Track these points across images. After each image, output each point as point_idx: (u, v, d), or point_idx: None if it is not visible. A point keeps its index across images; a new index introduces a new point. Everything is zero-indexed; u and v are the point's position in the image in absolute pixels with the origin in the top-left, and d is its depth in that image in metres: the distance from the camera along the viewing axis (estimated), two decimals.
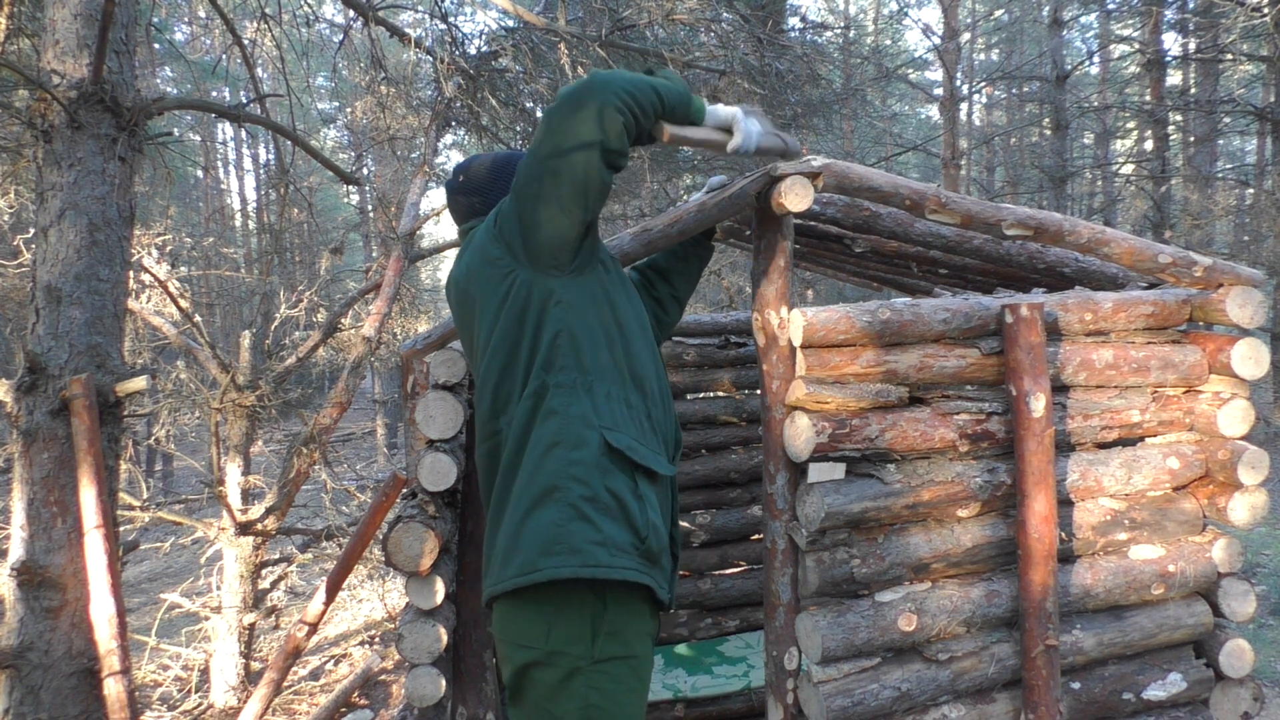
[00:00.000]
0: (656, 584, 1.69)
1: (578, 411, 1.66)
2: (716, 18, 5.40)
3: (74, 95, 2.81)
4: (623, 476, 1.66)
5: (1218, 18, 9.49)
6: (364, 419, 18.80)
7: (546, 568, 1.58)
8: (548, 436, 1.66)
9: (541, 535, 1.61)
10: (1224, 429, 2.30)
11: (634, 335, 1.82)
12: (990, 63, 22.47)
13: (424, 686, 2.29)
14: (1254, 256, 9.87)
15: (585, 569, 1.58)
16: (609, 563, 1.59)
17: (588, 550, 1.59)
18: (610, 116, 1.62)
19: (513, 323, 1.72)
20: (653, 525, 1.67)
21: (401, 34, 4.87)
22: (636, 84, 1.68)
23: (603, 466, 1.64)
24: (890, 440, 2.03)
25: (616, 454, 1.67)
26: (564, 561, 1.58)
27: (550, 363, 1.69)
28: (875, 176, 2.05)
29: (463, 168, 2.06)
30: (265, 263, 12.91)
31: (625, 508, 1.64)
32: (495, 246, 1.77)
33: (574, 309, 1.72)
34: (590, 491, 1.62)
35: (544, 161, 1.65)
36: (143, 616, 6.57)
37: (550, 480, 1.63)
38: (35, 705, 2.68)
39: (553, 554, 1.58)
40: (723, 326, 3.46)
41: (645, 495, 1.69)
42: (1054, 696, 2.08)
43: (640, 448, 1.71)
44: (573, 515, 1.60)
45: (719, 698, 3.01)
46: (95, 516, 2.68)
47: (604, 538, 1.60)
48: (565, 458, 1.64)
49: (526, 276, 1.72)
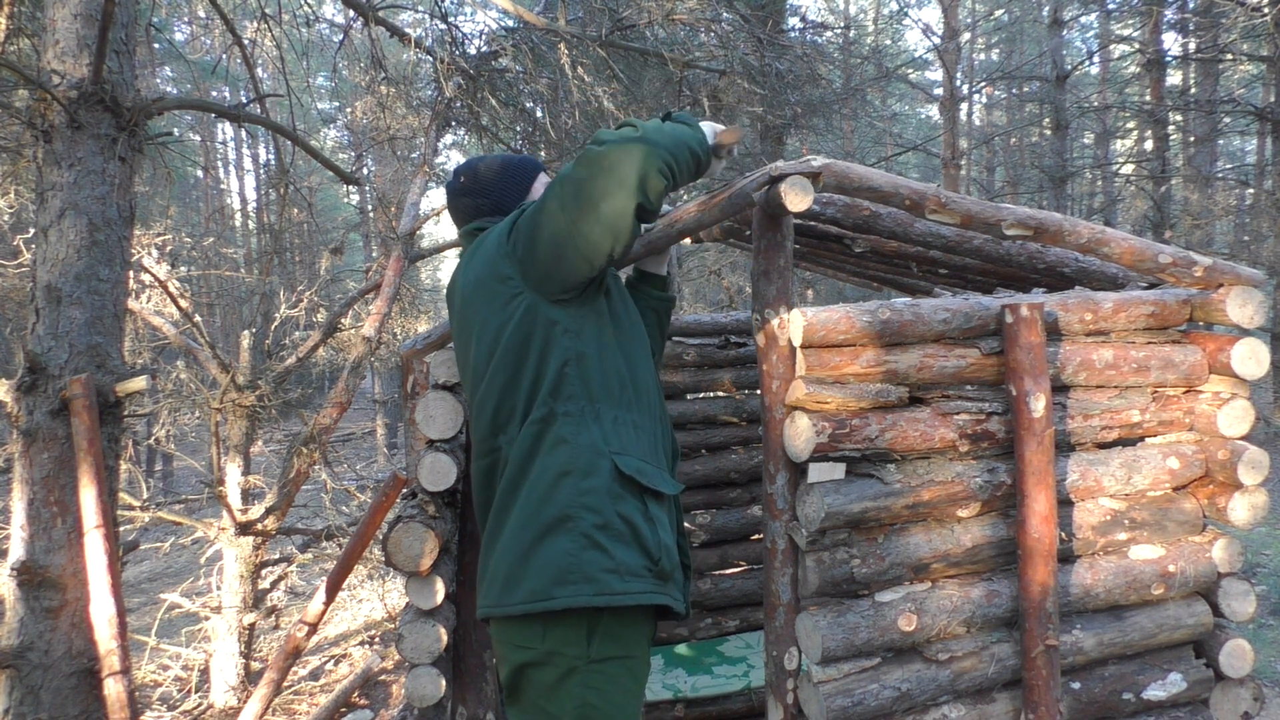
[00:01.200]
0: (672, 599, 1.71)
1: (587, 440, 1.67)
2: (716, 18, 5.40)
3: (74, 95, 2.81)
4: (634, 501, 1.68)
5: (1218, 18, 9.49)
6: (364, 419, 18.80)
7: (561, 596, 1.60)
8: (557, 465, 1.66)
9: (554, 564, 1.61)
10: (1224, 429, 2.30)
11: (636, 353, 1.83)
12: (990, 63, 22.47)
13: (424, 686, 2.29)
14: (1254, 256, 9.87)
15: (599, 598, 1.60)
16: (622, 589, 1.61)
17: (600, 579, 1.60)
18: (654, 180, 1.63)
19: (517, 344, 1.72)
20: (664, 546, 1.69)
21: (401, 34, 4.87)
22: (680, 145, 1.69)
23: (614, 493, 1.66)
24: (890, 440, 2.03)
25: (627, 480, 1.68)
26: (578, 591, 1.60)
27: (558, 390, 1.69)
28: (875, 176, 2.05)
29: (465, 169, 2.05)
30: (265, 263, 12.91)
31: (637, 532, 1.65)
32: (508, 265, 1.76)
33: (581, 336, 1.73)
34: (603, 519, 1.63)
35: (579, 205, 1.63)
36: (143, 616, 6.57)
37: (562, 510, 1.64)
38: (35, 705, 2.68)
39: (567, 583, 1.60)
40: (723, 326, 3.46)
41: (655, 517, 1.70)
42: (1054, 696, 2.08)
43: (648, 469, 1.73)
44: (585, 544, 1.62)
45: (719, 698, 3.01)
46: (95, 516, 2.68)
47: (617, 564, 1.62)
48: (577, 486, 1.64)
49: (532, 301, 1.73)
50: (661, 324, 2.27)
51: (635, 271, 2.30)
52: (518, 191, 2.01)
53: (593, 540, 1.62)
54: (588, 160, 1.64)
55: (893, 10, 19.16)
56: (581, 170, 1.64)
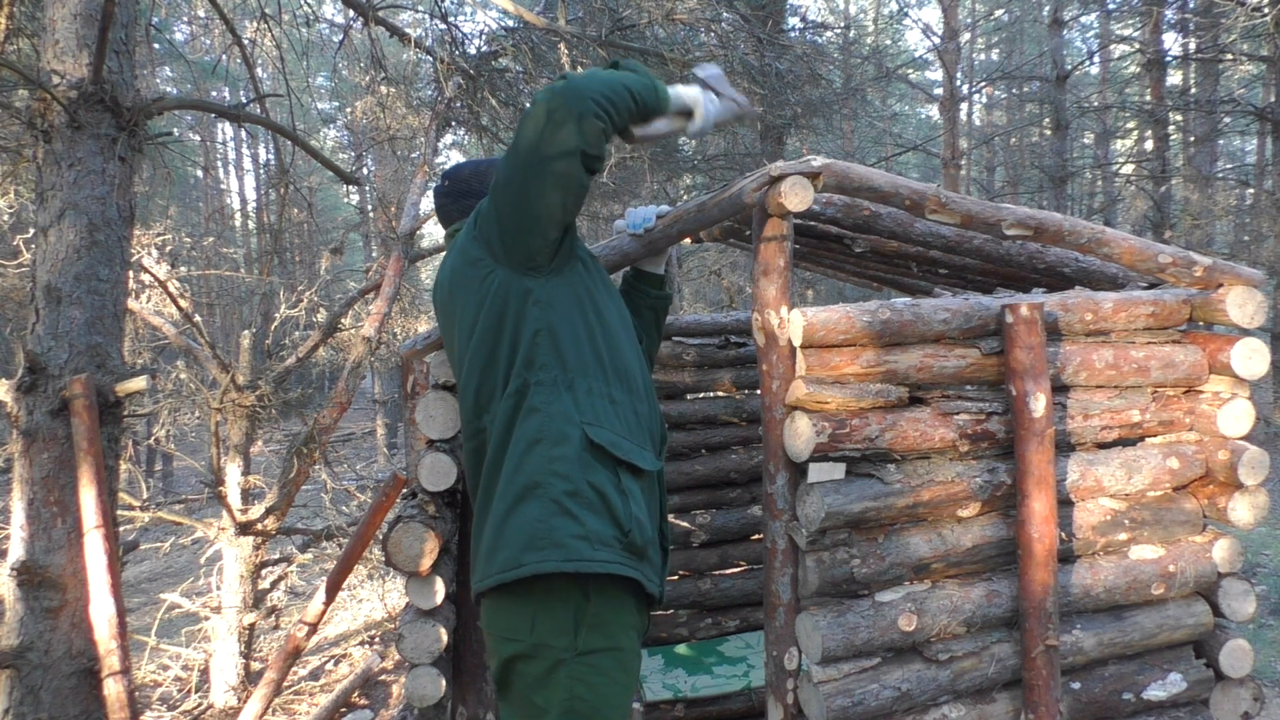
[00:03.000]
0: (643, 576, 1.70)
1: (559, 408, 1.68)
2: (716, 18, 5.40)
3: (74, 95, 2.81)
4: (605, 471, 1.68)
5: (1218, 18, 9.49)
6: (364, 419, 18.80)
7: (530, 563, 1.60)
8: (529, 434, 1.67)
9: (525, 531, 1.62)
10: (1224, 429, 2.30)
11: (616, 331, 1.83)
12: (990, 63, 22.47)
13: (424, 686, 2.29)
14: (1254, 256, 9.87)
15: (568, 563, 1.60)
16: (591, 556, 1.61)
17: (570, 545, 1.60)
18: (590, 124, 1.64)
19: (493, 322, 1.74)
20: (636, 519, 1.68)
21: (401, 34, 4.87)
22: (612, 87, 1.70)
23: (584, 462, 1.66)
24: (890, 440, 2.03)
25: (598, 449, 1.68)
26: (547, 556, 1.60)
27: (531, 361, 1.71)
28: (875, 176, 2.05)
29: (449, 173, 2.09)
30: (265, 263, 12.92)
31: (608, 502, 1.65)
32: (475, 247, 1.79)
33: (553, 308, 1.74)
34: (572, 486, 1.64)
35: (523, 165, 1.67)
36: (143, 616, 6.57)
37: (532, 477, 1.65)
38: (35, 705, 2.68)
39: (536, 549, 1.60)
40: (723, 326, 3.46)
41: (629, 490, 1.70)
42: (1054, 696, 2.08)
43: (623, 442, 1.73)
44: (555, 510, 1.62)
45: (719, 698, 3.01)
46: (95, 516, 2.68)
47: (586, 532, 1.62)
48: (547, 454, 1.65)
49: (504, 276, 1.74)
50: (658, 322, 2.27)
51: (633, 270, 2.30)
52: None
53: (562, 507, 1.62)
54: (524, 119, 1.69)
55: (893, 10, 19.17)
56: (521, 131, 1.68)
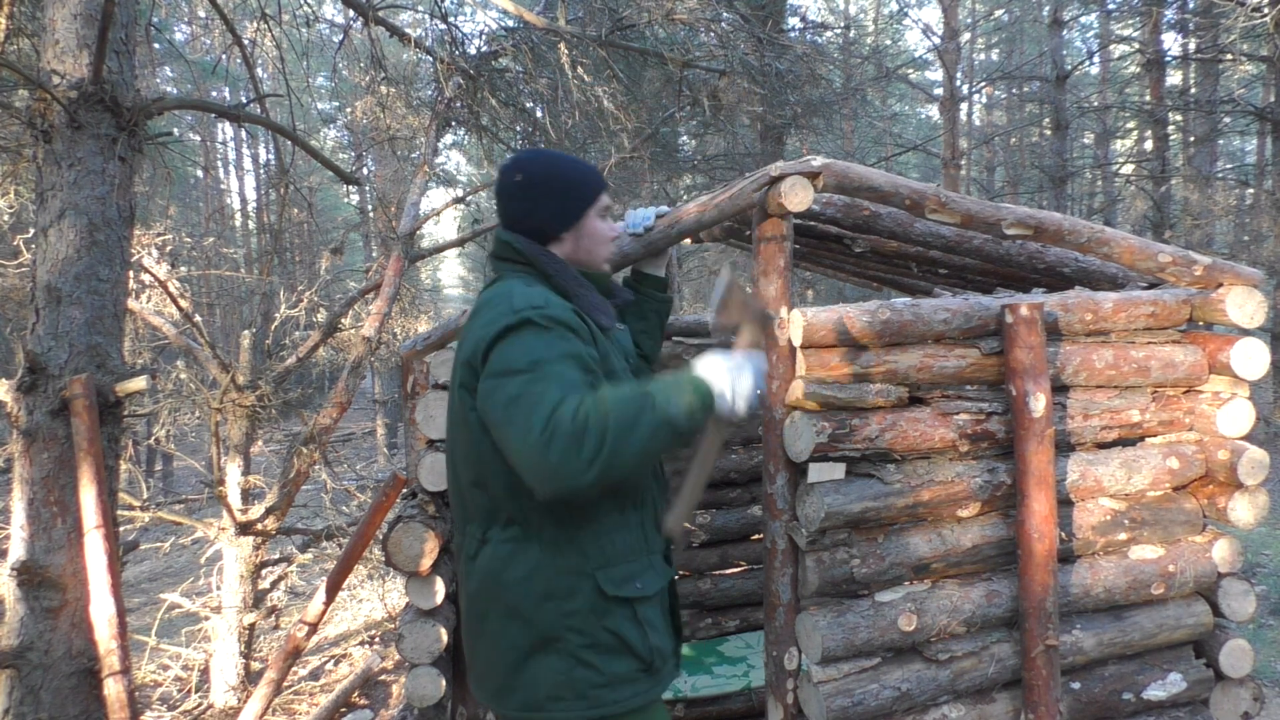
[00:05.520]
0: (663, 686, 1.71)
1: (565, 564, 1.63)
2: (716, 18, 5.40)
3: (74, 95, 2.81)
4: (621, 611, 1.65)
5: (1218, 18, 9.49)
6: (364, 419, 18.80)
7: (554, 710, 1.62)
8: (539, 589, 1.63)
9: (546, 681, 1.62)
10: (1224, 429, 2.30)
11: None
12: (990, 63, 22.46)
13: (424, 686, 2.29)
14: (1254, 256, 9.87)
15: (593, 710, 1.62)
16: (614, 699, 1.63)
17: (593, 695, 1.62)
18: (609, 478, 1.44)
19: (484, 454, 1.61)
20: (655, 649, 1.68)
21: (401, 34, 4.86)
22: (651, 448, 1.47)
23: (599, 610, 1.63)
24: (890, 440, 2.03)
25: (611, 596, 1.64)
26: (570, 707, 1.62)
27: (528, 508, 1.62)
28: (875, 176, 2.05)
29: (522, 165, 1.77)
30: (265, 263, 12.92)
31: (627, 642, 1.65)
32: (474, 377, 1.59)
33: None
34: (589, 639, 1.63)
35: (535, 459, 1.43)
36: (143, 616, 6.56)
37: (549, 630, 1.62)
38: (35, 705, 2.68)
39: (559, 699, 1.62)
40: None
41: (645, 620, 1.68)
42: (1054, 696, 2.08)
43: (636, 572, 1.68)
44: (574, 664, 1.62)
45: (719, 698, 3.01)
46: (95, 516, 2.67)
47: (608, 679, 1.63)
48: (560, 609, 1.62)
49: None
50: (660, 325, 2.27)
51: (634, 272, 2.29)
52: (562, 219, 1.73)
53: (581, 660, 1.62)
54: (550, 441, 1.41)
55: (893, 10, 19.16)
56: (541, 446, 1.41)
